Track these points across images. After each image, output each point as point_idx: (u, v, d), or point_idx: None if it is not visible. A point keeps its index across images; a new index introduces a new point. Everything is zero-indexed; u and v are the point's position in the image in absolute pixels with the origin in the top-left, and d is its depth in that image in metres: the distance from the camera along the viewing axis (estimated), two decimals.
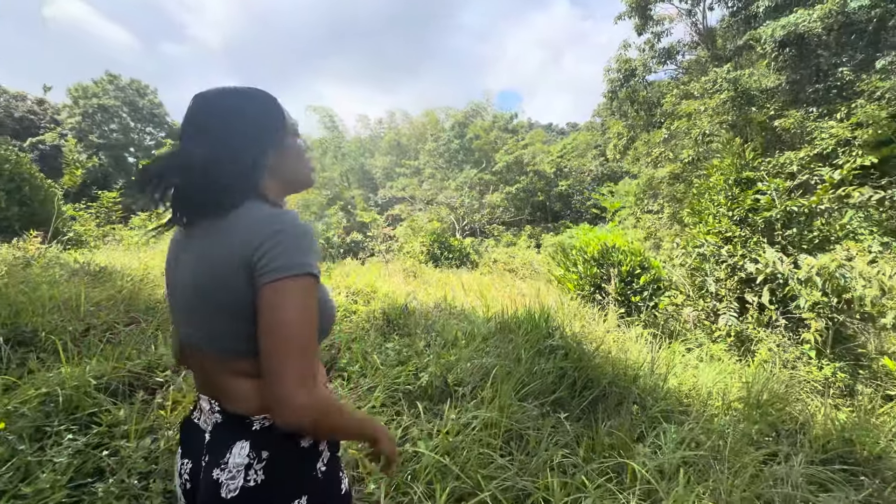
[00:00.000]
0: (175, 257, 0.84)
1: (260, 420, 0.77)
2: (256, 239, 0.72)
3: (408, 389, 2.70)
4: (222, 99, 0.82)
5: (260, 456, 0.75)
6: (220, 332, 0.77)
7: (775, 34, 10.39)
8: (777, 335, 4.90)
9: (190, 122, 0.81)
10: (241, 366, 0.77)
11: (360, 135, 37.51)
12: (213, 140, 0.79)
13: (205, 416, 0.82)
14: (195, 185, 0.78)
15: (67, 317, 2.97)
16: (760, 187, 5.87)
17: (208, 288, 0.75)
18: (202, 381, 0.85)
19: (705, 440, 2.41)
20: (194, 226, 0.80)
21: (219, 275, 0.74)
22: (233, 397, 0.78)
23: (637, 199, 16.33)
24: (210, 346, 0.79)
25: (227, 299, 0.74)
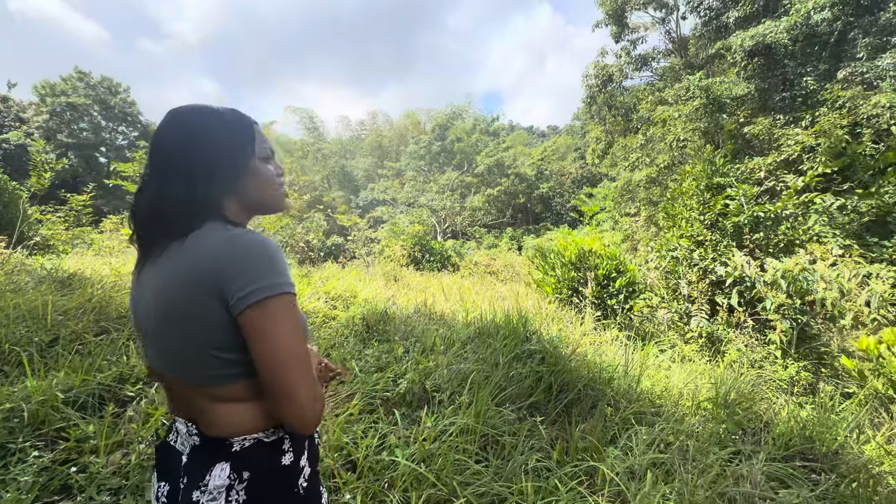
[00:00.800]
0: (139, 285, 0.83)
1: (239, 441, 0.78)
2: (224, 263, 0.71)
3: (386, 396, 2.71)
4: (189, 119, 0.82)
5: (241, 477, 0.76)
6: (191, 360, 0.76)
7: (744, 44, 10.80)
8: (745, 336, 5.09)
9: (155, 143, 0.81)
10: (216, 392, 0.77)
11: (341, 136, 37.26)
12: (170, 162, 0.78)
13: (182, 439, 0.83)
14: (150, 209, 0.78)
15: (33, 327, 2.88)
16: (730, 193, 6.10)
17: (174, 315, 0.74)
18: (177, 404, 0.85)
19: (674, 441, 2.49)
20: (155, 252, 0.78)
21: (184, 303, 0.72)
22: (210, 421, 0.79)
23: (615, 203, 16.68)
24: (181, 374, 0.78)
25: (196, 326, 0.73)
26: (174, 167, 0.78)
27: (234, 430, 0.78)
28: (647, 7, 15.48)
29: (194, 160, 0.78)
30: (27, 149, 24.15)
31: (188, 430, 0.81)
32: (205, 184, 0.79)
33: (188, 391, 0.79)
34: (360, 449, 2.06)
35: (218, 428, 0.78)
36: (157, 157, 0.79)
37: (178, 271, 0.73)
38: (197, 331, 0.73)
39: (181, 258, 0.74)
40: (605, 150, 18.01)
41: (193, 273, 0.72)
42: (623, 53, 16.25)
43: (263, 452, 0.79)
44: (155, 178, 0.78)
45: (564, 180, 30.69)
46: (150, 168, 0.80)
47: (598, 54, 16.51)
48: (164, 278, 0.75)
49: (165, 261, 0.76)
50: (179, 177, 0.78)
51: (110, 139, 30.23)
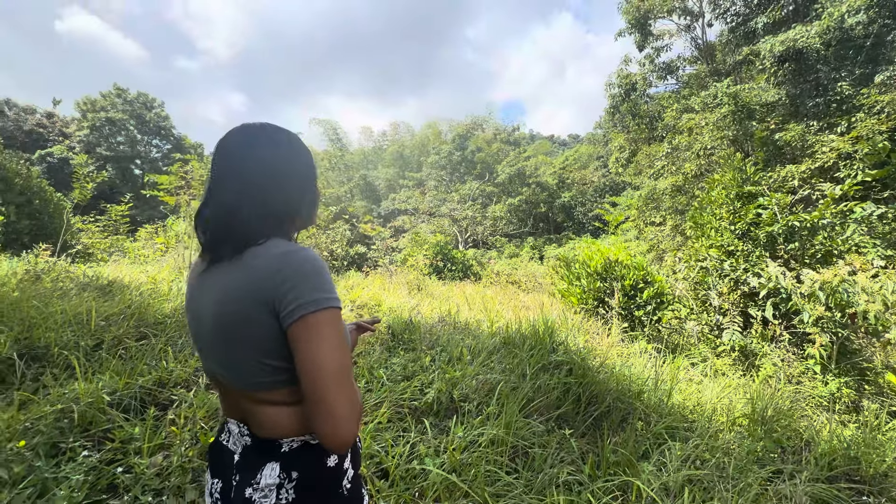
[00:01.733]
0: (196, 293, 0.86)
1: (288, 443, 0.82)
2: (278, 277, 0.74)
3: (414, 405, 2.72)
4: (262, 137, 0.84)
5: (290, 476, 0.80)
6: (241, 365, 0.79)
7: (774, 49, 10.54)
8: (781, 350, 4.90)
9: (225, 157, 0.83)
10: (265, 396, 0.81)
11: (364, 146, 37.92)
12: (244, 178, 0.81)
13: (234, 439, 0.87)
14: (222, 221, 0.81)
15: (79, 331, 3.02)
16: (762, 202, 5.92)
17: (230, 322, 0.77)
18: (229, 406, 0.89)
19: (710, 458, 2.42)
20: (218, 261, 0.82)
21: (240, 310, 0.76)
22: (260, 423, 0.82)
23: (639, 211, 16.39)
24: (232, 378, 0.82)
25: (249, 333, 0.76)
26: (248, 183, 0.81)
27: (282, 433, 0.81)
28: (672, 14, 15.31)
29: (269, 178, 0.82)
30: (69, 162, 25.49)
31: (240, 431, 0.85)
32: (277, 201, 0.83)
33: (239, 394, 0.83)
34: (391, 457, 2.07)
35: (267, 430, 0.82)
36: (229, 172, 0.82)
37: (237, 282, 0.77)
38: (249, 338, 0.77)
39: (241, 270, 0.77)
40: (629, 159, 17.77)
41: (250, 285, 0.76)
42: (647, 62, 16.08)
43: (310, 454, 0.82)
44: (228, 192, 0.81)
45: (586, 189, 30.35)
46: (220, 181, 0.82)
47: (621, 62, 16.38)
48: (223, 287, 0.79)
49: (226, 270, 0.79)
50: (253, 193, 0.81)
51: (145, 152, 31.61)
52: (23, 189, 8.75)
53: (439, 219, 24.40)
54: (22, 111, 29.79)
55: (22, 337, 2.76)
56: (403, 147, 35.63)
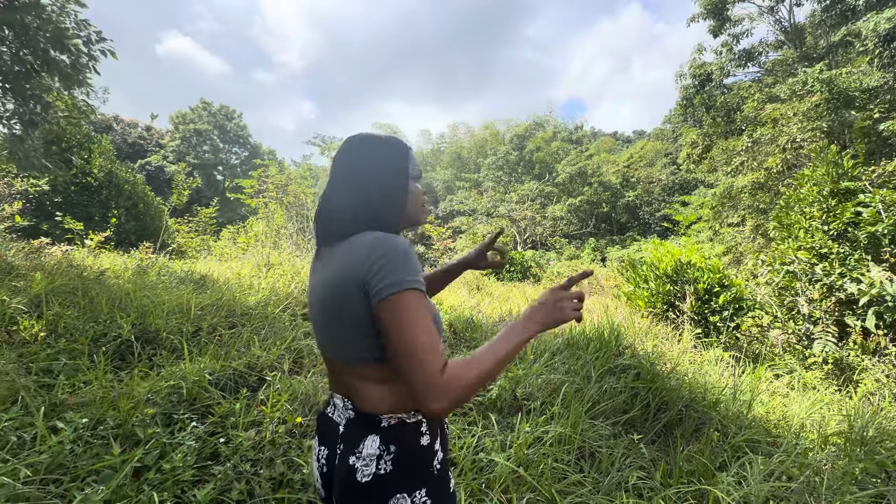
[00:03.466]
0: (312, 278, 1.02)
1: (387, 419, 0.90)
2: (369, 260, 0.83)
3: (478, 401, 2.78)
4: (365, 148, 1.01)
5: (388, 449, 0.88)
6: (344, 342, 0.90)
7: (879, 28, 9.35)
8: (887, 364, 4.37)
9: (338, 163, 1.01)
10: (366, 371, 0.90)
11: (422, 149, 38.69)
12: (351, 181, 0.97)
13: (338, 412, 0.97)
14: (331, 216, 0.97)
15: (181, 319, 3.42)
16: (863, 199, 5.31)
17: (331, 304, 0.89)
18: (335, 381, 1.00)
19: (798, 474, 2.24)
20: (326, 252, 0.97)
21: (339, 292, 0.86)
22: (362, 398, 0.92)
23: (714, 211, 15.25)
24: (337, 354, 0.94)
25: (347, 313, 0.86)
26: (354, 184, 0.97)
27: (380, 408, 0.90)
28: None
29: (368, 179, 0.97)
30: (164, 169, 28.54)
31: (344, 405, 0.96)
32: (375, 198, 0.96)
33: (342, 369, 0.95)
34: (458, 449, 2.15)
35: (368, 404, 0.91)
36: (342, 175, 0.99)
37: (339, 266, 0.88)
38: (347, 315, 0.86)
39: (342, 255, 0.89)
40: (703, 155, 16.58)
41: (347, 266, 0.86)
42: (724, 49, 14.91)
43: (407, 431, 0.90)
44: (340, 192, 0.98)
45: (653, 188, 28.72)
46: (335, 183, 0.99)
47: (693, 52, 15.34)
48: (328, 272, 0.92)
49: (331, 257, 0.94)
50: (358, 191, 0.96)
51: (226, 159, 34.59)
52: (130, 195, 9.98)
53: (497, 219, 24.30)
54: (127, 125, 33.85)
55: (137, 322, 3.18)
56: (461, 148, 35.90)
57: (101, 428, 1.93)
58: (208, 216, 9.24)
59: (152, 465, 1.77)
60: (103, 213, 9.58)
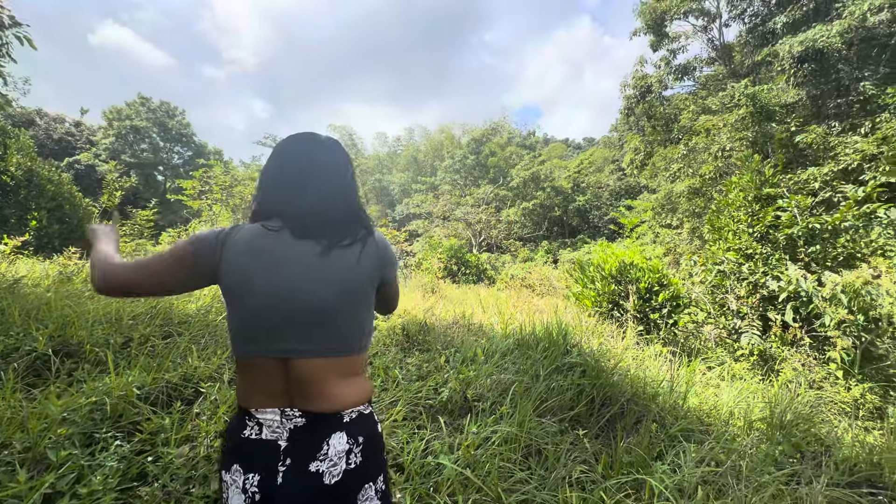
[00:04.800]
0: (296, 272, 0.93)
1: (349, 413, 0.94)
2: (384, 259, 1.03)
3: (429, 404, 2.77)
4: (341, 152, 1.10)
5: (357, 441, 0.92)
6: (351, 335, 0.97)
7: (793, 50, 10.36)
8: (802, 354, 4.80)
9: (320, 159, 1.05)
10: (350, 364, 0.97)
11: (379, 152, 38.31)
12: (345, 180, 1.06)
13: (273, 428, 0.90)
14: (341, 212, 1.02)
15: (109, 330, 3.15)
16: (781, 204, 5.83)
17: (356, 299, 0.97)
18: (277, 391, 0.92)
19: (725, 459, 2.41)
20: (338, 244, 0.98)
21: (366, 288, 0.98)
22: (329, 396, 0.93)
23: (655, 215, 16.19)
24: (340, 346, 0.96)
25: (365, 306, 0.99)
26: (349, 184, 1.07)
27: (345, 403, 0.94)
28: (688, 16, 15.16)
29: (350, 181, 1.09)
30: (95, 168, 26.38)
31: (286, 416, 0.91)
32: (356, 199, 1.09)
33: (320, 371, 0.94)
34: (406, 453, 2.12)
35: (335, 401, 0.93)
36: (319, 172, 1.04)
37: (367, 263, 0.99)
38: (365, 307, 0.99)
39: (368, 257, 1.00)
40: (645, 161, 17.58)
41: (376, 262, 1.01)
42: (662, 63, 15.93)
43: (367, 421, 0.97)
44: (336, 188, 1.05)
45: (602, 193, 30.06)
46: (311, 178, 1.03)
47: (636, 64, 16.26)
48: (348, 266, 0.96)
49: (346, 253, 0.97)
50: (347, 193, 1.06)
51: (167, 158, 32.52)
52: (54, 195, 9.12)
53: (453, 222, 24.48)
54: (52, 120, 31.00)
55: (56, 335, 2.90)
56: (418, 151, 35.88)
57: (5, 453, 1.74)
58: (146, 219, 8.63)
59: (66, 491, 1.61)
60: (21, 216, 8.70)
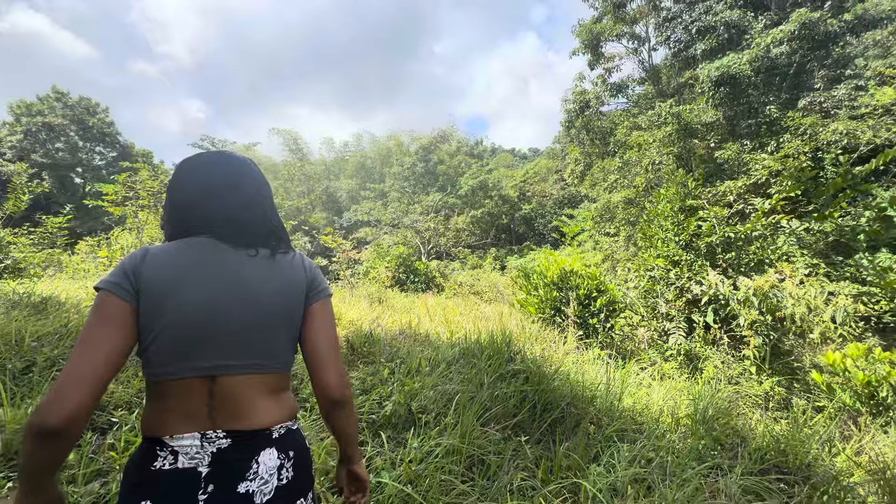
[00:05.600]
0: (224, 284, 0.92)
1: (277, 430, 0.92)
2: (310, 271, 1.04)
3: (372, 419, 2.71)
4: (259, 172, 1.09)
5: (288, 455, 0.92)
6: (282, 348, 0.96)
7: (711, 74, 11.41)
8: (721, 353, 5.24)
9: (245, 171, 1.04)
10: (279, 380, 0.96)
11: (325, 157, 37.38)
12: (264, 193, 1.06)
13: (190, 455, 0.84)
14: (262, 223, 1.02)
15: (7, 354, 2.80)
16: (702, 214, 6.36)
17: (286, 311, 0.96)
18: (195, 413, 0.86)
19: (654, 457, 2.56)
20: (262, 259, 0.98)
21: (296, 299, 0.98)
22: (258, 411, 0.91)
23: (595, 223, 17.07)
24: (270, 365, 0.94)
25: (296, 318, 0.98)
26: (272, 202, 1.08)
27: (275, 418, 0.93)
28: (621, 38, 16.26)
29: (270, 200, 1.09)
30: None
31: (206, 440, 0.85)
32: (277, 217, 1.09)
33: (248, 387, 0.91)
34: None
35: (265, 417, 0.92)
36: (256, 188, 1.05)
37: (296, 275, 1.00)
38: (295, 320, 0.98)
39: (295, 268, 1.02)
40: (584, 172, 18.53)
41: (299, 277, 1.01)
42: (599, 81, 16.95)
43: (296, 435, 0.97)
44: (260, 200, 1.04)
45: (546, 201, 31.24)
46: (238, 188, 1.02)
47: (575, 80, 17.17)
48: (282, 282, 0.97)
49: (276, 265, 0.99)
50: (270, 210, 1.06)
51: (87, 159, 29.66)
52: None
53: (402, 230, 24.35)
54: None
55: None
56: (366, 158, 35.43)
57: None
58: (58, 226, 7.78)
59: None
60: None
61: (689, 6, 13.83)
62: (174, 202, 1.01)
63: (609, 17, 15.76)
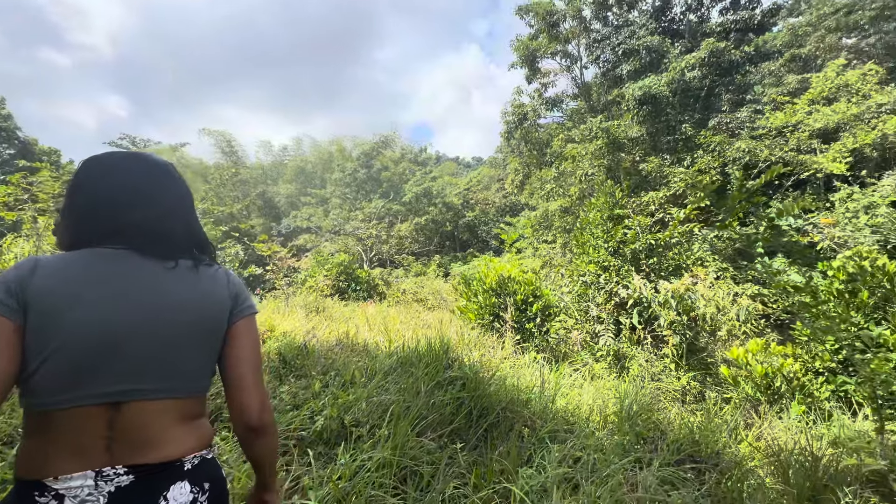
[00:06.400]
0: (135, 303, 0.83)
1: (189, 460, 0.84)
2: (232, 287, 0.96)
3: (302, 435, 2.58)
4: (181, 181, 0.99)
5: (203, 488, 0.84)
6: (198, 370, 0.88)
7: (635, 93, 12.37)
8: (645, 352, 5.62)
9: (163, 176, 0.95)
10: (193, 406, 0.88)
11: (263, 161, 35.72)
12: (186, 202, 0.98)
13: (80, 499, 0.75)
14: (193, 242, 0.95)
15: None
16: (628, 223, 6.82)
17: (205, 329, 0.88)
18: (99, 447, 0.78)
19: (582, 455, 2.66)
20: (179, 270, 0.89)
21: (216, 316, 0.90)
22: (168, 444, 0.82)
23: (534, 230, 17.73)
24: (182, 388, 0.86)
25: (215, 337, 0.90)
26: (192, 208, 0.99)
27: (188, 449, 0.85)
28: (555, 56, 17.16)
29: (191, 210, 1.00)
30: None
31: (102, 478, 0.76)
32: (200, 229, 1.01)
33: (159, 415, 0.83)
34: None
35: (176, 448, 0.83)
36: (172, 188, 0.96)
37: (218, 290, 0.93)
38: (217, 338, 0.91)
39: (217, 281, 0.94)
40: (524, 182, 19.24)
41: (218, 293, 0.93)
42: (536, 94, 17.75)
43: (211, 465, 0.90)
44: (182, 207, 0.96)
45: (489, 209, 31.99)
46: (168, 198, 0.94)
47: (513, 93, 17.86)
48: (202, 297, 0.89)
49: (198, 283, 0.90)
50: (196, 217, 1.00)
51: None
52: None
53: (344, 237, 23.79)
54: None
55: None
56: (306, 163, 34.31)
57: None
58: None
59: None
60: None
61: (615, 30, 14.93)
62: (77, 206, 0.89)
63: (544, 35, 16.58)
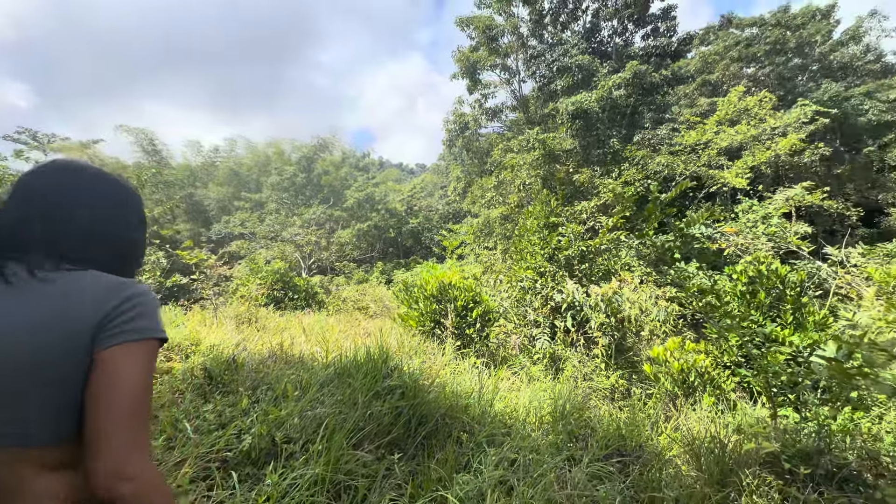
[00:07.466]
0: None
1: None
2: (111, 303, 0.72)
3: (226, 456, 2.41)
4: (123, 192, 0.88)
5: None
6: (39, 415, 0.68)
7: (568, 108, 13.08)
8: (578, 353, 5.91)
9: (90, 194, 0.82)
10: (55, 455, 0.70)
11: (191, 162, 33.32)
12: (108, 226, 0.84)
13: None
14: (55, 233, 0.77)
15: None
16: (562, 231, 7.17)
17: (41, 361, 0.67)
18: None
19: (518, 457, 2.74)
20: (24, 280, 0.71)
21: (53, 344, 0.68)
22: (33, 499, 0.67)
23: (476, 237, 18.09)
24: (31, 434, 0.68)
25: (67, 371, 0.68)
26: (109, 226, 0.86)
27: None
28: (495, 69, 17.73)
29: (122, 228, 0.89)
30: None
31: None
32: (125, 246, 0.89)
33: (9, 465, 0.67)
34: None
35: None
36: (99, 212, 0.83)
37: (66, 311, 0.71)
38: (66, 373, 0.69)
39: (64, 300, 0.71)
40: (466, 189, 19.60)
41: (80, 311, 0.71)
42: (477, 105, 18.21)
43: None
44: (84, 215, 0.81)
45: (432, 216, 32.19)
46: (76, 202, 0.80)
47: (455, 102, 18.20)
48: (42, 321, 0.69)
49: (39, 292, 0.71)
50: (110, 235, 0.85)
51: None
52: None
53: (280, 244, 22.77)
54: None
55: None
56: (240, 165, 32.50)
57: None
58: None
59: None
60: None
61: (550, 47, 15.73)
62: None
63: (484, 48, 17.10)
